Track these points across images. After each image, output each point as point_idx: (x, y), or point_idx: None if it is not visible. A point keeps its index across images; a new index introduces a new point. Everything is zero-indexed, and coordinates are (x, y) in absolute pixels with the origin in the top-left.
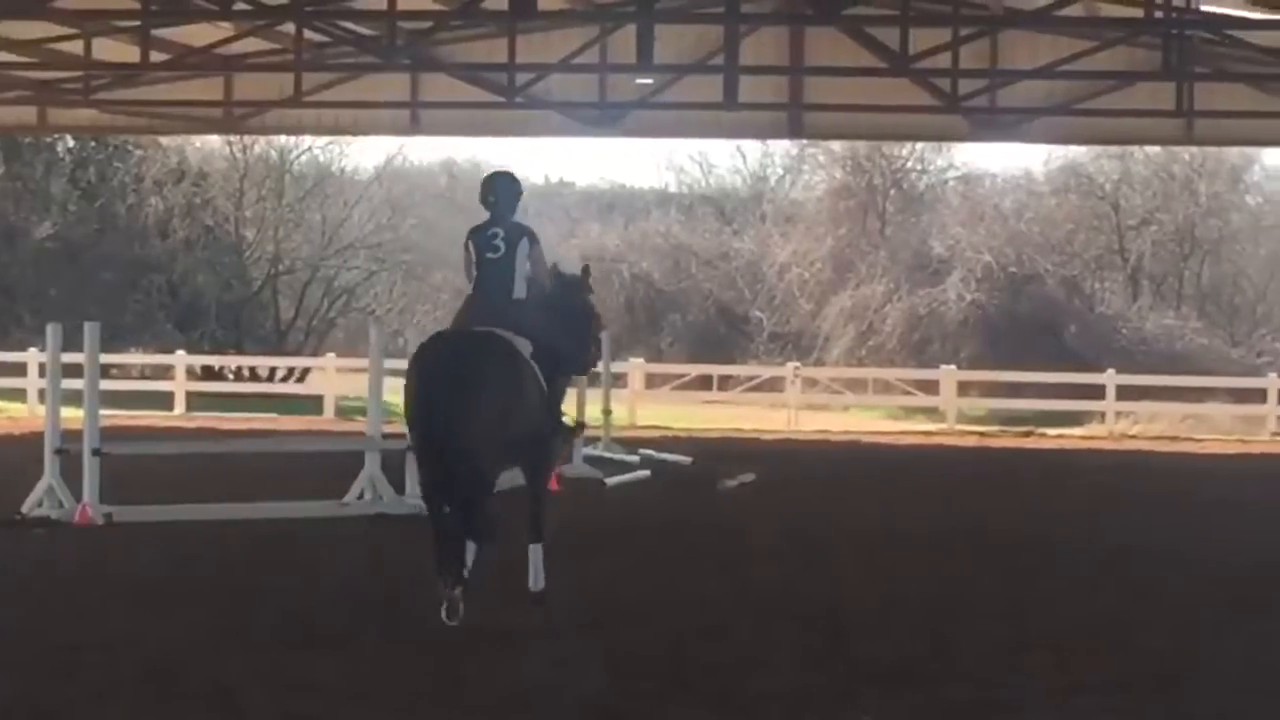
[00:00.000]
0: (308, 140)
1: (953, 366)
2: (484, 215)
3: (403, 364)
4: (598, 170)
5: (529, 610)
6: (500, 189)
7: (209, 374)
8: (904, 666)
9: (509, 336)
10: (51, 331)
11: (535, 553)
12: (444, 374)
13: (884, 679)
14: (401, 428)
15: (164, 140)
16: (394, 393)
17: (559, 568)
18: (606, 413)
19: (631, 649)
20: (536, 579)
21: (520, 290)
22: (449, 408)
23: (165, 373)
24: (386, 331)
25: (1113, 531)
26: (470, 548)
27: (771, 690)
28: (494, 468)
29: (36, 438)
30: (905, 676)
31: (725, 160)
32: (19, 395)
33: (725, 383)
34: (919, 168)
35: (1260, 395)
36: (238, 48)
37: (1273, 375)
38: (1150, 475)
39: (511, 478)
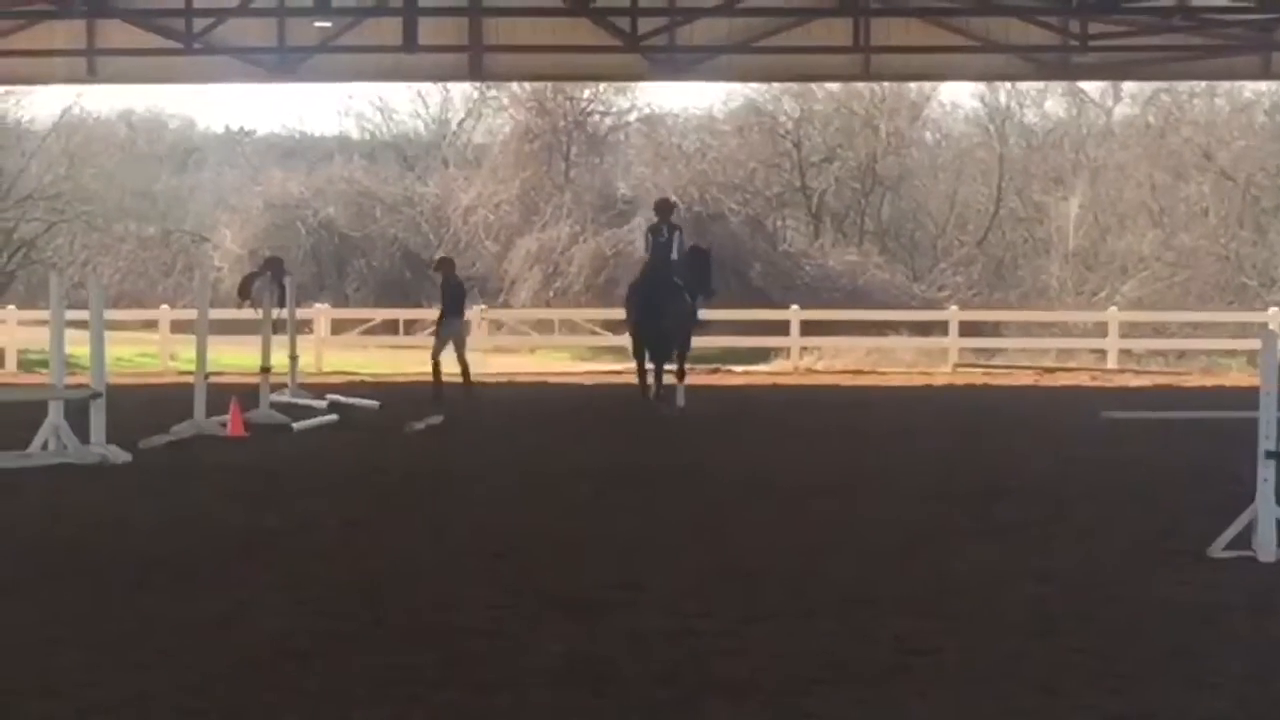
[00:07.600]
0: None
1: None
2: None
3: (84, 314)
4: (278, 118)
5: (211, 551)
6: (665, 208)
7: None
8: (596, 596)
9: (675, 279)
10: None
11: (681, 389)
12: (656, 295)
13: (574, 608)
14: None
15: None
16: (75, 344)
17: (244, 514)
18: (293, 358)
19: (325, 591)
20: (682, 400)
21: (674, 257)
22: (659, 313)
23: None
24: (68, 283)
25: (798, 464)
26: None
27: (466, 625)
28: (680, 340)
29: None
30: (596, 606)
31: (405, 105)
32: None
33: (412, 327)
34: (602, 109)
35: (942, 328)
36: None
37: (953, 308)
38: (833, 409)
39: None
